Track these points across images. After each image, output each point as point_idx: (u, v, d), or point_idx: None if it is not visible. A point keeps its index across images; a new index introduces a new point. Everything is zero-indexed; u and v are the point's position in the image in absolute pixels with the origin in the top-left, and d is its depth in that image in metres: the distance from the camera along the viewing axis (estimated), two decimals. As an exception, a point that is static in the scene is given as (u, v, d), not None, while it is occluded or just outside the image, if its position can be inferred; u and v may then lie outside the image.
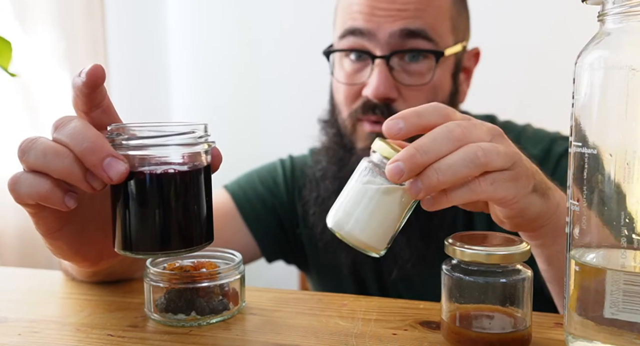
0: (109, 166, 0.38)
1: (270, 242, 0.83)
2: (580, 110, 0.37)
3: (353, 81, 0.75)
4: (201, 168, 0.42)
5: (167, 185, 0.41)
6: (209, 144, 0.43)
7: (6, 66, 0.63)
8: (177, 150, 0.41)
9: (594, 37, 0.38)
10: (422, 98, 0.73)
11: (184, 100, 1.87)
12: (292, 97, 1.71)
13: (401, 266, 0.75)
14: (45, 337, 0.46)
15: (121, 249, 0.42)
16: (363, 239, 0.42)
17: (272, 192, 0.85)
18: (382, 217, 0.42)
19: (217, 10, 1.80)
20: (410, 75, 0.73)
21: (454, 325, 0.42)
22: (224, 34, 1.80)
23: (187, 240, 0.42)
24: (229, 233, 0.81)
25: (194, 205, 0.42)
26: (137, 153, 0.40)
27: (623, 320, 0.35)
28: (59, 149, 0.40)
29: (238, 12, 1.79)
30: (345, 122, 0.77)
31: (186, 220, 0.41)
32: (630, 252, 0.35)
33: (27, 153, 0.40)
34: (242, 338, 0.45)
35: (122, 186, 0.40)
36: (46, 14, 1.29)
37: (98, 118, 0.44)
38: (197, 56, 1.85)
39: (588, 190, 0.37)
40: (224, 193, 0.84)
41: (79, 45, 1.37)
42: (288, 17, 1.72)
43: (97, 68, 0.41)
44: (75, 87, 0.42)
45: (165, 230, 0.41)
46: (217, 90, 1.83)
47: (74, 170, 0.39)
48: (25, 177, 0.41)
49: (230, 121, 1.80)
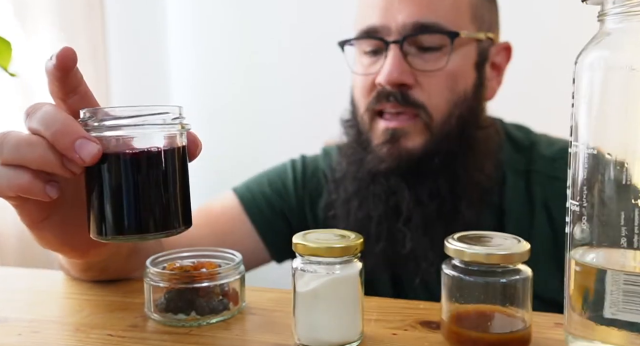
0: (81, 147, 0.38)
1: (280, 244, 0.82)
2: (580, 110, 0.37)
3: (368, 71, 0.73)
4: (176, 149, 0.41)
5: (141, 167, 0.40)
6: (183, 125, 0.42)
7: (6, 66, 0.63)
8: (151, 130, 0.40)
9: (594, 37, 0.38)
10: (440, 85, 0.70)
11: (185, 100, 1.87)
12: (294, 99, 1.71)
13: (425, 269, 0.72)
14: (45, 337, 0.46)
15: (96, 234, 0.41)
16: (339, 341, 0.41)
17: (281, 194, 0.83)
18: (340, 309, 0.41)
19: (218, 10, 1.80)
20: (426, 61, 0.70)
21: (454, 325, 0.42)
22: (224, 33, 1.80)
23: (162, 224, 0.41)
24: (237, 237, 0.80)
25: (169, 187, 0.41)
26: (111, 134, 0.40)
27: (623, 320, 0.35)
28: (31, 139, 0.40)
29: (239, 12, 1.79)
30: (363, 117, 0.75)
31: (161, 203, 0.41)
32: (630, 251, 0.35)
33: (0, 148, 0.40)
34: (242, 338, 0.45)
35: (95, 169, 0.39)
36: (46, 14, 1.29)
37: (75, 104, 0.43)
38: (197, 56, 1.85)
39: (588, 190, 0.37)
40: (233, 197, 0.83)
41: (79, 45, 1.37)
42: (290, 18, 1.72)
43: (67, 50, 0.40)
44: (48, 72, 0.41)
45: (139, 213, 0.40)
46: (217, 91, 1.83)
47: (48, 157, 0.39)
48: (3, 171, 0.40)
49: (231, 121, 1.80)
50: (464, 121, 0.72)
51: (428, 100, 0.70)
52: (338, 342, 0.41)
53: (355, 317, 0.42)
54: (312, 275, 0.41)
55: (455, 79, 0.71)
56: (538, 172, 0.75)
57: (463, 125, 0.72)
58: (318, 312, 0.41)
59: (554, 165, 0.75)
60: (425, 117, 0.70)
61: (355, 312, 0.42)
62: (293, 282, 0.42)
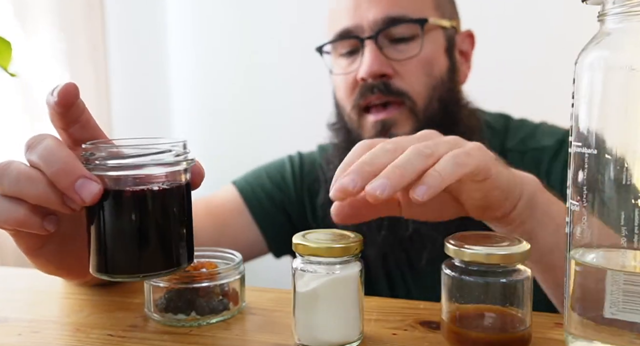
0: (82, 188, 0.37)
1: (279, 237, 0.83)
2: (580, 110, 0.37)
3: (348, 70, 0.77)
4: (180, 187, 0.41)
5: (144, 205, 0.39)
6: (188, 162, 0.41)
7: (6, 66, 0.63)
8: (154, 169, 0.39)
9: (594, 37, 0.38)
10: (418, 71, 0.75)
11: (185, 100, 1.87)
12: (294, 99, 1.71)
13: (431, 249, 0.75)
14: (45, 337, 0.46)
15: (96, 272, 0.40)
16: (336, 340, 0.41)
17: (281, 188, 0.85)
18: (341, 309, 0.41)
19: (218, 10, 1.80)
20: (400, 51, 0.74)
21: (454, 325, 0.41)
22: (224, 33, 1.80)
23: (165, 262, 0.40)
24: (236, 229, 0.81)
25: (173, 225, 0.40)
26: (112, 174, 0.39)
27: (623, 320, 0.35)
28: (31, 174, 0.39)
29: (239, 12, 1.79)
30: (351, 115, 0.77)
31: (164, 242, 0.40)
32: (630, 252, 0.35)
33: (0, 179, 0.39)
34: (242, 338, 0.45)
35: (96, 206, 0.39)
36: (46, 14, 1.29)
37: (77, 133, 0.43)
38: (197, 56, 1.85)
39: (588, 190, 0.37)
40: (232, 189, 0.84)
41: (79, 46, 1.37)
42: (290, 19, 1.72)
43: (69, 86, 0.40)
44: (49, 106, 0.41)
45: (142, 252, 0.39)
46: (217, 91, 1.83)
47: (48, 195, 0.38)
48: (2, 203, 0.40)
49: (231, 121, 1.80)
50: (445, 102, 0.76)
51: (409, 87, 0.74)
52: (338, 342, 0.41)
53: (355, 317, 0.42)
54: (312, 275, 0.41)
55: (430, 64, 0.75)
56: (511, 150, 0.80)
57: (445, 106, 0.76)
58: (318, 312, 0.41)
59: (525, 143, 0.80)
60: (410, 103, 0.74)
61: (355, 312, 0.42)
62: (293, 282, 0.42)
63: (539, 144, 0.79)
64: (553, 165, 0.77)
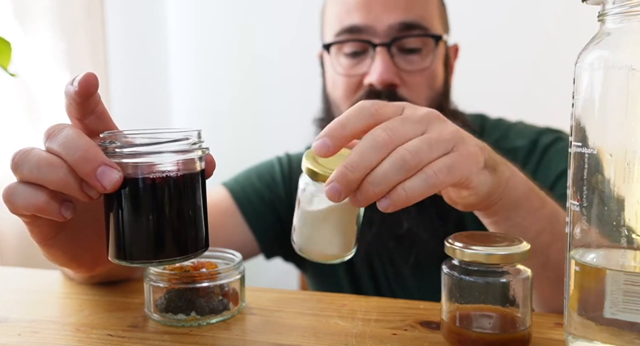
0: (103, 175, 0.38)
1: (269, 237, 0.83)
2: (580, 110, 0.37)
3: (352, 73, 0.77)
4: (195, 174, 0.41)
5: (161, 192, 0.40)
6: (203, 150, 0.42)
7: (6, 66, 0.63)
8: (171, 157, 0.40)
9: (594, 37, 0.38)
10: (423, 84, 0.76)
11: (185, 100, 1.87)
12: (293, 100, 1.71)
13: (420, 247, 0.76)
14: (45, 337, 0.46)
15: (115, 258, 0.41)
16: (332, 253, 0.45)
17: (270, 187, 0.85)
18: (341, 231, 0.45)
19: (218, 10, 1.80)
20: (411, 62, 0.75)
21: (454, 325, 0.42)
22: (225, 33, 1.80)
23: (182, 248, 0.41)
24: (228, 230, 0.81)
25: (189, 211, 0.41)
26: (131, 161, 0.40)
27: (623, 320, 0.35)
28: (52, 160, 0.39)
29: (239, 12, 1.79)
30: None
31: (181, 227, 0.41)
32: (630, 251, 0.35)
33: (21, 166, 0.40)
34: (242, 338, 0.45)
35: (115, 194, 0.39)
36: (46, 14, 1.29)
37: (92, 124, 0.43)
38: (197, 56, 1.85)
39: (588, 190, 0.37)
40: (223, 190, 0.84)
41: (79, 45, 1.37)
42: (290, 20, 1.72)
43: (90, 76, 0.41)
44: (68, 95, 0.41)
45: (160, 238, 0.40)
46: (217, 91, 1.83)
47: (69, 181, 0.39)
48: (21, 189, 0.40)
49: (231, 122, 1.80)
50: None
51: (414, 99, 0.75)
52: (334, 255, 0.46)
53: (351, 237, 0.46)
54: (320, 199, 0.43)
55: (434, 78, 0.77)
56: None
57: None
58: (322, 229, 0.45)
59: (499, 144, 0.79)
60: None
61: (353, 233, 0.45)
62: (298, 199, 0.45)
63: (511, 145, 0.80)
64: (526, 167, 0.77)
